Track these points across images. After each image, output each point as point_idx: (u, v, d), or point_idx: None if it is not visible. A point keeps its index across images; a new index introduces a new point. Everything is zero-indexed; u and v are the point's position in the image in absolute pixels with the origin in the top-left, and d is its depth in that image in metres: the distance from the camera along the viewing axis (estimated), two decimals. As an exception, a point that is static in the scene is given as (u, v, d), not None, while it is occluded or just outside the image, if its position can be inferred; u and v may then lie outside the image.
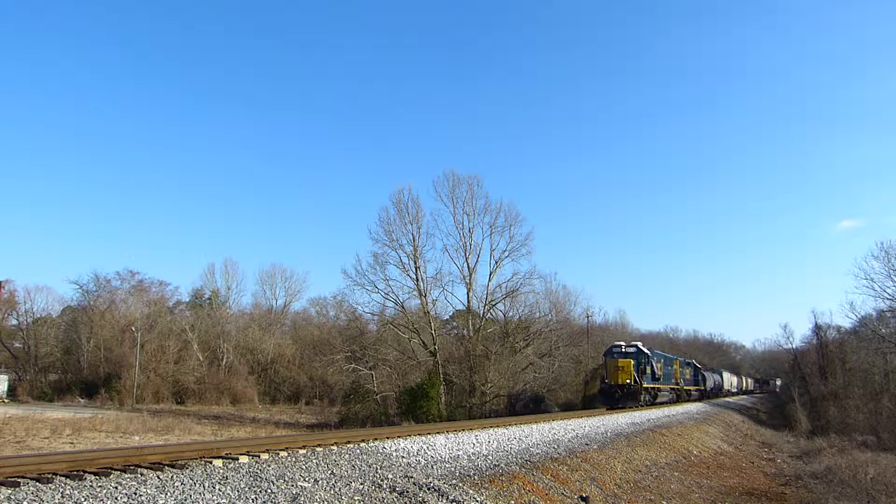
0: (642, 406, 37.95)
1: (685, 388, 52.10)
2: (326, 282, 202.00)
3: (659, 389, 42.05)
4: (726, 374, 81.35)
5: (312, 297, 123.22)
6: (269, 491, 8.95)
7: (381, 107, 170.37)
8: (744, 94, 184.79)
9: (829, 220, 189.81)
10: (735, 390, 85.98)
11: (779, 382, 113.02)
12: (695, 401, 55.37)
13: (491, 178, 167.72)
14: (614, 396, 36.43)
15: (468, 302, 45.12)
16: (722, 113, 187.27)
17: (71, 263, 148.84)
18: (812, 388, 59.57)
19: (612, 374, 36.98)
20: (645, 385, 38.11)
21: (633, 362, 36.83)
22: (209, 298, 78.82)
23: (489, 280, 45.64)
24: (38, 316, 69.72)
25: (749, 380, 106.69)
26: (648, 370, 38.90)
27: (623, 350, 38.42)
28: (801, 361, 67.24)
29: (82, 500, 7.31)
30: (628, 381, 36.36)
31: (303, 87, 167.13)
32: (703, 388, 61.31)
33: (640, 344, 40.19)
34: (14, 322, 68.71)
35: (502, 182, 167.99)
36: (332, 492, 9.64)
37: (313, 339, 70.15)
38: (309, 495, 9.19)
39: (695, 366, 60.39)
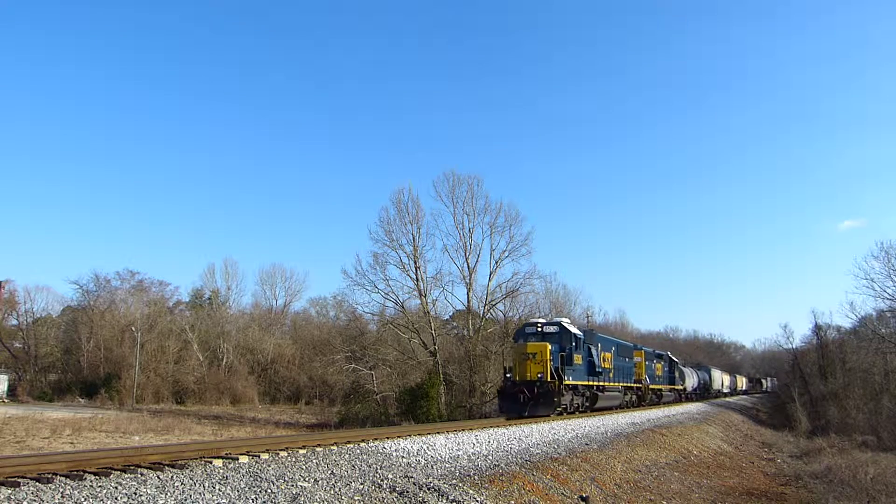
0: (565, 414, 26.33)
1: (652, 386, 41.71)
2: (326, 282, 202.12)
3: (602, 388, 30.23)
4: (716, 372, 72.89)
5: (312, 297, 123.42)
6: (269, 491, 8.95)
7: (382, 107, 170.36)
8: (744, 94, 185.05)
9: (830, 220, 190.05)
10: (727, 390, 78.86)
11: (771, 381, 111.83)
12: (669, 403, 46.40)
13: (491, 178, 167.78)
14: (519, 400, 24.30)
15: (468, 302, 45.13)
16: (722, 113, 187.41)
17: (71, 263, 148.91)
18: (812, 388, 59.62)
19: (519, 365, 25.34)
20: (570, 382, 26.10)
21: (549, 348, 25.03)
22: (209, 298, 78.84)
23: (489, 280, 45.64)
24: (38, 316, 69.77)
25: (743, 379, 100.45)
26: (579, 360, 27.17)
27: (539, 330, 26.76)
28: (801, 361, 67.29)
29: (82, 500, 7.31)
30: (540, 374, 24.47)
31: (303, 87, 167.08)
32: (681, 387, 52.05)
33: (565, 321, 28.36)
34: (14, 322, 68.72)
35: (502, 182, 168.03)
36: (332, 492, 9.64)
37: (313, 339, 70.15)
38: (309, 495, 9.18)
39: (669, 360, 49.70)
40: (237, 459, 10.27)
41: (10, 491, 7.27)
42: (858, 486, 21.67)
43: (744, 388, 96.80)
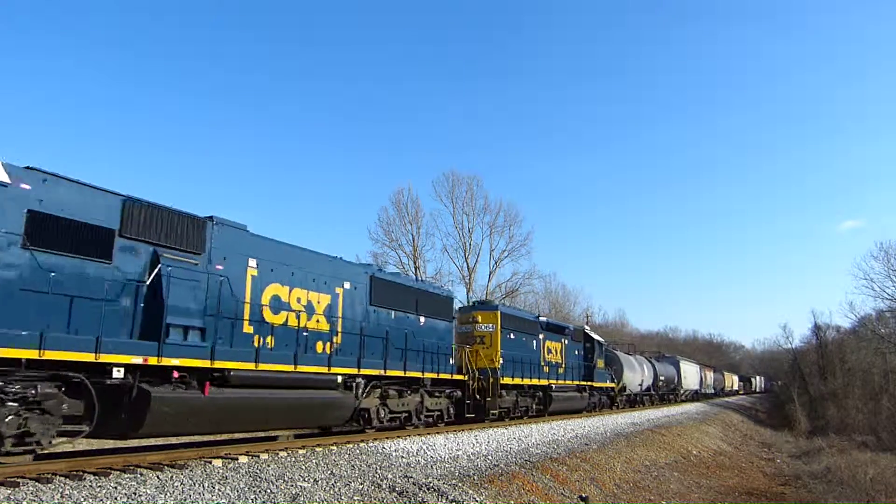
0: None
1: (529, 382, 22.49)
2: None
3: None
4: (689, 367, 55.05)
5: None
6: (268, 491, 8.95)
7: (381, 107, 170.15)
8: (744, 94, 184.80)
9: (830, 220, 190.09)
10: (710, 391, 63.66)
11: (763, 381, 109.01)
12: (574, 412, 27.03)
13: (491, 178, 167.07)
14: None
15: (467, 302, 45.21)
16: (722, 113, 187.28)
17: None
18: (811, 388, 59.68)
19: None
20: None
21: None
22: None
23: (489, 280, 45.69)
24: (38, 316, 69.54)
25: (734, 377, 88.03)
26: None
27: None
28: (801, 361, 67.37)
29: (81, 500, 7.30)
30: None
31: (302, 88, 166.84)
32: (612, 385, 32.62)
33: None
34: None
35: (502, 182, 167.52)
36: (331, 492, 9.65)
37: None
38: (308, 495, 9.19)
39: (586, 338, 29.49)
40: (237, 459, 10.26)
41: (9, 491, 7.26)
42: (858, 487, 21.72)
43: (735, 388, 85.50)
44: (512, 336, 21.92)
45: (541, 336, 24.42)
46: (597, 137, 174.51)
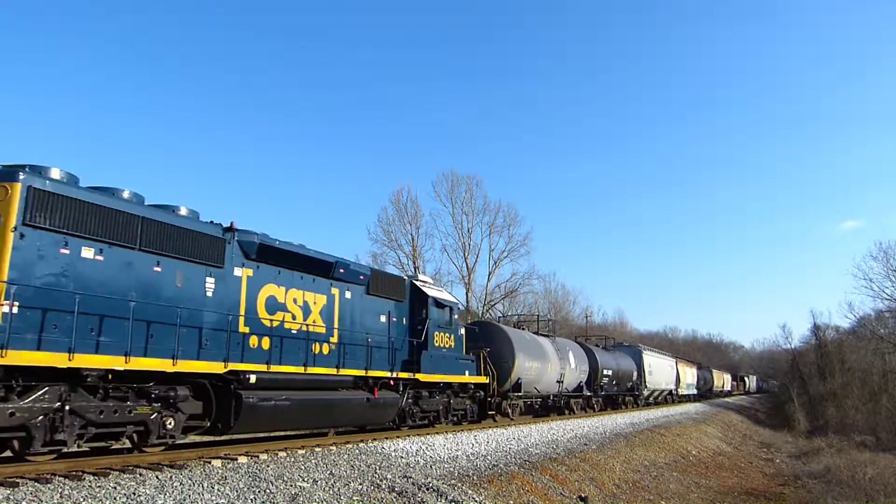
0: None
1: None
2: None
3: None
4: (656, 359, 42.13)
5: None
6: (267, 491, 8.96)
7: (380, 107, 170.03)
8: (744, 95, 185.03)
9: (830, 220, 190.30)
10: (691, 391, 53.66)
11: (758, 381, 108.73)
12: (349, 429, 15.93)
13: (491, 178, 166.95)
14: None
15: (467, 302, 45.27)
16: (722, 113, 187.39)
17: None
18: (811, 388, 59.72)
19: None
20: None
21: None
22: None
23: (488, 280, 45.76)
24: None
25: (726, 377, 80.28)
26: None
27: None
28: (800, 361, 67.41)
29: (81, 500, 7.31)
30: None
31: (301, 87, 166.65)
32: (481, 380, 19.28)
33: None
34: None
35: (502, 182, 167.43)
36: (330, 492, 9.66)
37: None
38: (308, 495, 9.20)
39: (415, 296, 16.77)
40: (236, 460, 10.27)
41: (8, 491, 7.27)
42: (857, 486, 21.75)
43: (727, 388, 77.27)
44: (87, 254, 9.23)
45: (247, 272, 12.00)
46: (597, 137, 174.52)
